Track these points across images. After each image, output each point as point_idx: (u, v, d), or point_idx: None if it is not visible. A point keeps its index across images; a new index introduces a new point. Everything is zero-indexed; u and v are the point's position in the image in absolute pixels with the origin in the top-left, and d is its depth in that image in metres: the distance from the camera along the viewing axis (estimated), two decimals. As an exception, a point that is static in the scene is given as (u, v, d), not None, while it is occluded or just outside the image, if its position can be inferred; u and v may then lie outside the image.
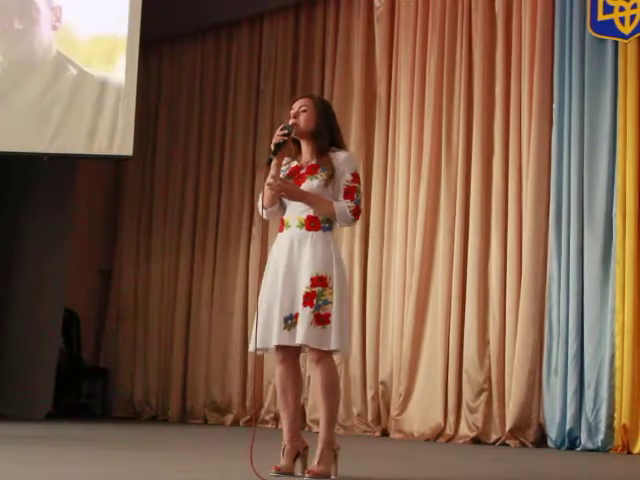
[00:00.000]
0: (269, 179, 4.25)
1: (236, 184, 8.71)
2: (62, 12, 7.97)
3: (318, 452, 4.15)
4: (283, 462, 4.19)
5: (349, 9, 8.11)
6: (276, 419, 7.98)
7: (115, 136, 7.86)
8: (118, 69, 7.94)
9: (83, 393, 9.26)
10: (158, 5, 8.41)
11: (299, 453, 4.23)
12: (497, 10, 7.18)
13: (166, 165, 9.29)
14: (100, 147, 7.86)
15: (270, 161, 4.26)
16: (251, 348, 4.25)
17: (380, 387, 7.41)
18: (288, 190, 4.24)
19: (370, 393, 7.44)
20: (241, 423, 8.25)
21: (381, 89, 7.78)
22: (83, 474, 4.03)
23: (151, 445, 6.27)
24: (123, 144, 7.85)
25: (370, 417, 7.42)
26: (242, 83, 8.83)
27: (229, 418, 8.36)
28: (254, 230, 8.48)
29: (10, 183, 8.76)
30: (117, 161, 8.99)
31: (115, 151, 7.88)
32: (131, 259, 9.40)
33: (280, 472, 4.11)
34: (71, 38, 8.03)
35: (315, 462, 4.13)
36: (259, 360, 8.22)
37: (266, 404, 8.11)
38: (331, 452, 4.18)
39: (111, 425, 8.06)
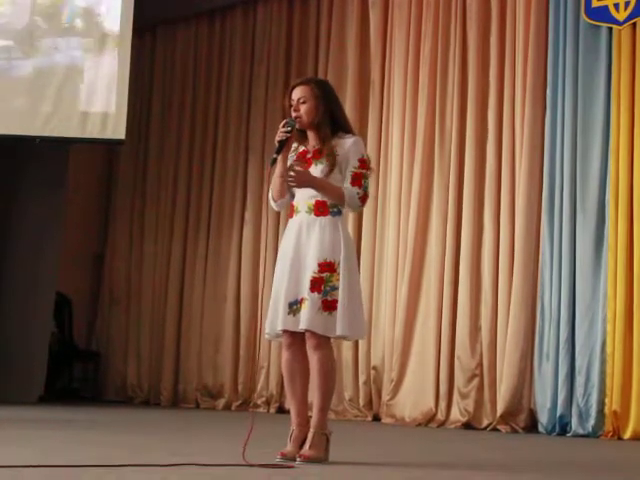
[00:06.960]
0: (279, 175, 4.23)
1: (229, 169, 8.70)
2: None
3: (310, 437, 4.15)
4: (289, 447, 4.17)
5: (343, -7, 8.09)
6: (268, 403, 8.01)
7: (108, 120, 7.85)
8: (111, 52, 7.91)
9: (75, 377, 9.26)
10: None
11: (306, 439, 4.18)
12: (491, -5, 7.18)
13: (159, 149, 9.27)
14: (93, 131, 7.84)
15: (274, 160, 4.24)
16: (266, 335, 4.32)
17: (372, 372, 7.42)
18: (303, 180, 4.22)
19: (362, 378, 7.45)
20: (233, 407, 8.26)
21: (375, 73, 7.77)
22: (73, 457, 4.03)
23: (143, 429, 6.26)
24: (116, 128, 7.84)
25: (362, 402, 7.43)
26: (236, 67, 8.79)
27: (221, 402, 8.37)
28: (247, 215, 8.48)
29: (2, 167, 8.73)
30: (110, 145, 8.97)
31: (108, 135, 7.87)
32: (124, 243, 9.39)
33: (286, 458, 4.09)
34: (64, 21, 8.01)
35: (307, 447, 4.14)
36: (252, 344, 8.24)
37: (258, 388, 8.13)
38: (323, 437, 4.18)
39: (103, 409, 8.06)
